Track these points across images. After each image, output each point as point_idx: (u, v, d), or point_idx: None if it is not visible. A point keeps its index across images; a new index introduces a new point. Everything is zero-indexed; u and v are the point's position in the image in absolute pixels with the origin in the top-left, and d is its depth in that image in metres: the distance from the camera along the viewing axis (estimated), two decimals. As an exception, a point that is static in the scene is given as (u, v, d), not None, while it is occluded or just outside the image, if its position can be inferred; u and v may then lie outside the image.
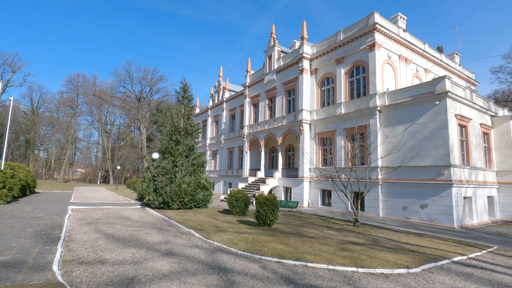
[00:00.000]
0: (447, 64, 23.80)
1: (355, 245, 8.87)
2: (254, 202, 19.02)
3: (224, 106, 36.57)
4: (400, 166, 14.78)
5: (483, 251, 9.02)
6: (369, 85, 18.23)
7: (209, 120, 40.36)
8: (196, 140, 18.19)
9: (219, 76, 39.08)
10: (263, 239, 9.27)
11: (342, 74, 20.35)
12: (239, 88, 39.25)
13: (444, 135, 14.34)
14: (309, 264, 6.60)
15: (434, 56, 22.53)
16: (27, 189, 21.31)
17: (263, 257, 7.06)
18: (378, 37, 18.30)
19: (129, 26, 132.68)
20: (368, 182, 14.03)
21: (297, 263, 6.69)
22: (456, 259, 7.83)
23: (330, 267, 6.48)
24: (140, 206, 17.51)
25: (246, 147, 29.08)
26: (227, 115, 36.18)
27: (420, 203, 15.03)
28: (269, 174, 27.30)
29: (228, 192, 15.23)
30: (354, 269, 6.42)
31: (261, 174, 26.29)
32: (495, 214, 17.01)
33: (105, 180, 71.17)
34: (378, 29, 18.25)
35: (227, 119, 36.11)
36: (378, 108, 17.39)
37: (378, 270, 6.40)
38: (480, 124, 16.92)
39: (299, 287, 5.25)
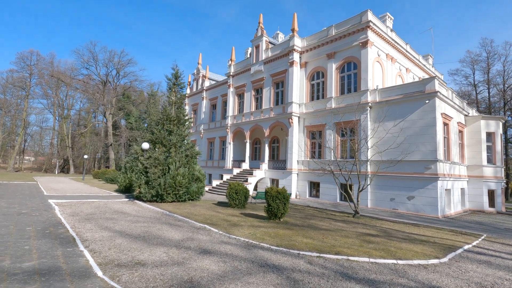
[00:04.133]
0: (423, 65, 25.46)
1: (373, 237, 9.24)
2: (251, 194, 18.90)
3: (204, 95, 35.41)
4: (400, 161, 15.57)
5: (479, 239, 9.94)
6: (361, 81, 18.83)
7: (187, 108, 38.83)
8: (189, 130, 17.36)
9: (198, 63, 37.60)
10: (284, 233, 9.23)
11: (333, 69, 20.74)
12: (218, 77, 38.23)
13: (432, 132, 15.41)
14: (351, 258, 6.71)
15: (414, 57, 23.93)
16: (-14, 180, 18.80)
17: (301, 252, 7.02)
18: (370, 35, 18.87)
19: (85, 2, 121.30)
20: (368, 176, 14.62)
21: (338, 257, 6.77)
22: (466, 247, 8.53)
23: (372, 260, 6.66)
24: (127, 199, 16.41)
25: (230, 138, 28.58)
26: (207, 104, 35.12)
27: (407, 195, 16.11)
28: (252, 165, 27.23)
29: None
30: (394, 261, 6.67)
31: (245, 165, 26.13)
32: (465, 204, 18.89)
33: (63, 170, 65.59)
34: (371, 27, 18.80)
35: (207, 109, 35.07)
36: (369, 104, 18.08)
37: (415, 261, 6.73)
38: (457, 122, 18.48)
39: (361, 282, 5.31)
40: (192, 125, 18.40)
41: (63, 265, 5.28)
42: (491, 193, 18.88)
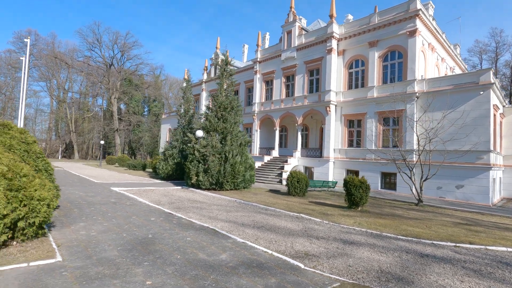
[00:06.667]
0: (455, 55, 25.61)
1: (468, 226, 9.57)
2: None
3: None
4: (468, 150, 15.66)
5: (557, 227, 10.44)
6: (407, 70, 18.84)
7: (204, 94, 38.20)
8: (241, 118, 17.13)
9: (217, 47, 36.69)
10: (384, 222, 9.44)
11: (375, 58, 20.63)
12: (237, 63, 37.43)
13: (486, 123, 15.74)
14: (489, 247, 6.97)
15: (449, 47, 24.01)
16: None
17: (434, 242, 7.23)
18: (418, 24, 18.74)
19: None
20: (431, 165, 14.90)
21: (476, 247, 7.01)
22: (562, 236, 8.96)
23: (509, 249, 6.93)
24: (180, 187, 16.33)
25: (256, 125, 28.44)
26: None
27: (456, 183, 16.58)
28: (281, 153, 27.31)
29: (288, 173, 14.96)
30: (529, 250, 6.96)
31: (275, 153, 26.19)
32: (501, 193, 19.64)
33: (65, 155, 64.17)
34: (419, 15, 18.64)
35: (227, 95, 34.52)
36: (417, 94, 18.20)
37: (547, 250, 7.04)
38: (500, 113, 18.90)
39: (534, 272, 5.55)
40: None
41: (255, 257, 5.28)
42: (525, 182, 19.66)
